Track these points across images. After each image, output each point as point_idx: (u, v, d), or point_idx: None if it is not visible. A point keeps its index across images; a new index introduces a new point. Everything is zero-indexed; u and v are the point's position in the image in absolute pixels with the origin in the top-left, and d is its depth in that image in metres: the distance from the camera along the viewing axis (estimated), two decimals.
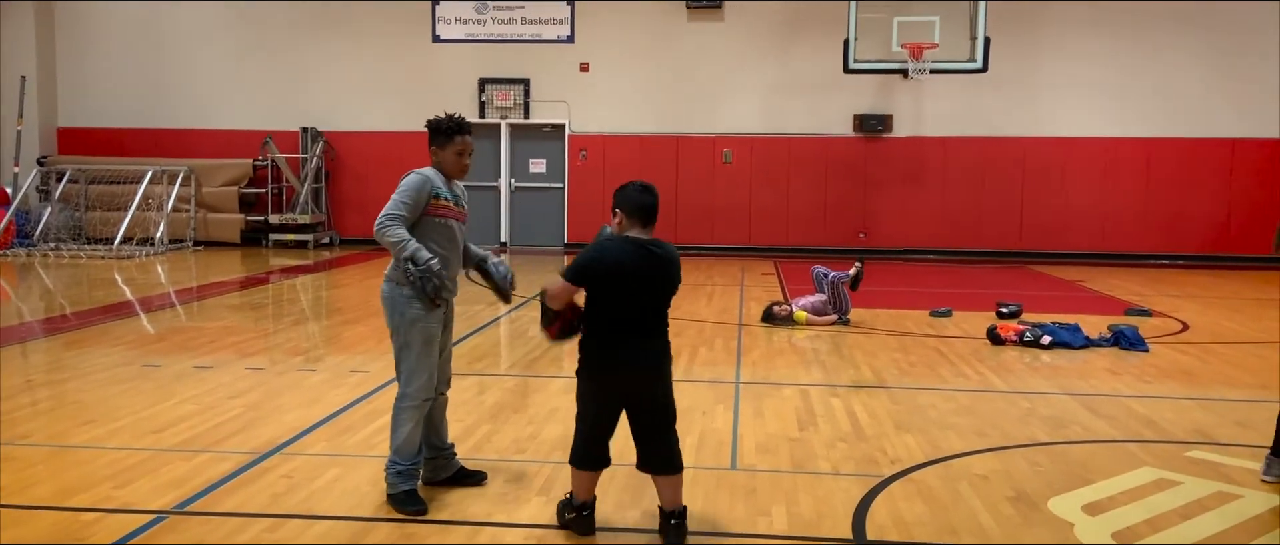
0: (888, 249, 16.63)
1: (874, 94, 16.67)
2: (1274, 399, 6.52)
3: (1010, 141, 16.49)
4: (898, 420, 5.82)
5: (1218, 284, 13.27)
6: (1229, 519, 4.17)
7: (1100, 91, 16.27)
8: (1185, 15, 15.94)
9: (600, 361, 3.86)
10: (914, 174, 16.76)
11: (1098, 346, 8.21)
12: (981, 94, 16.14)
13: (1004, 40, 15.16)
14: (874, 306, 10.31)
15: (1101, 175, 16.32)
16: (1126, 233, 16.33)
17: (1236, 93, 15.93)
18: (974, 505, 4.35)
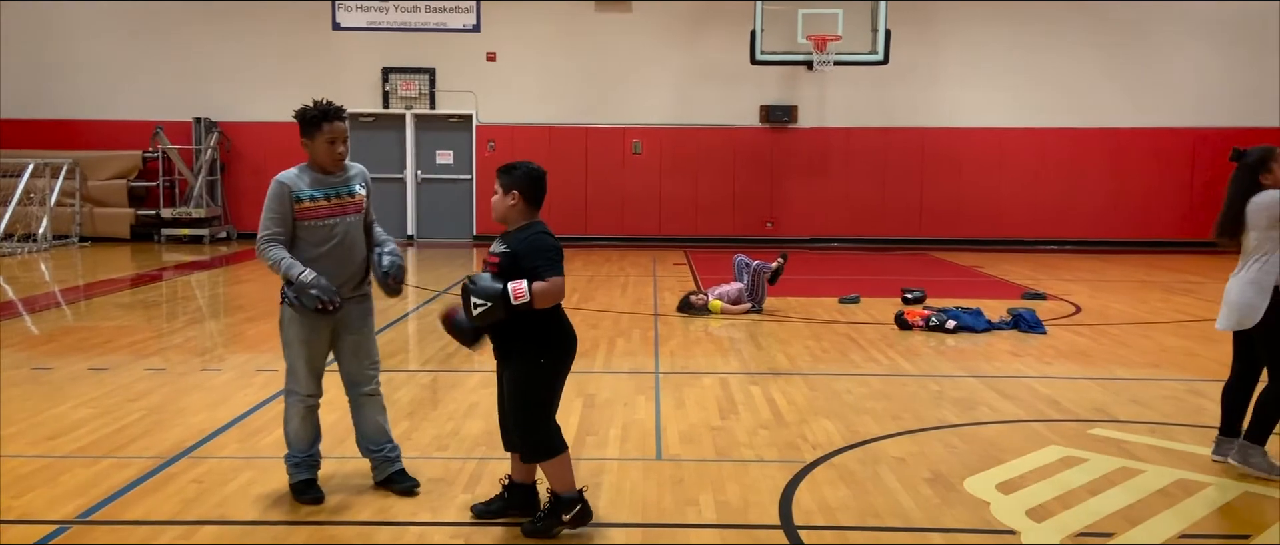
0: (795, 237, 16.90)
1: (780, 85, 16.90)
2: (1164, 377, 6.87)
3: (911, 132, 16.93)
4: (816, 406, 5.92)
5: (1105, 267, 13.90)
6: (1134, 493, 4.37)
7: (995, 83, 16.83)
8: (1076, 10, 16.60)
9: (562, 339, 3.89)
10: (819, 164, 17.07)
11: (999, 330, 8.50)
12: (883, 85, 16.52)
13: (904, 33, 15.53)
14: (785, 295, 10.45)
15: (996, 164, 16.90)
16: (1020, 219, 16.95)
17: (1124, 84, 16.68)
18: (894, 487, 4.46)
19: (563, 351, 3.90)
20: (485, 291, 3.67)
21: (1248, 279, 4.58)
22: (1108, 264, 14.40)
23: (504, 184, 3.85)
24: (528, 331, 3.80)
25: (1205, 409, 5.90)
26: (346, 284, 4.22)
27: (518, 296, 3.64)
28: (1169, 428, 5.49)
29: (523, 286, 3.65)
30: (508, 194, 3.84)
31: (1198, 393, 6.31)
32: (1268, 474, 4.55)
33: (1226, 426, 4.84)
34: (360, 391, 4.40)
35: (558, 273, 3.71)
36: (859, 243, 16.89)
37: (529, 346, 3.82)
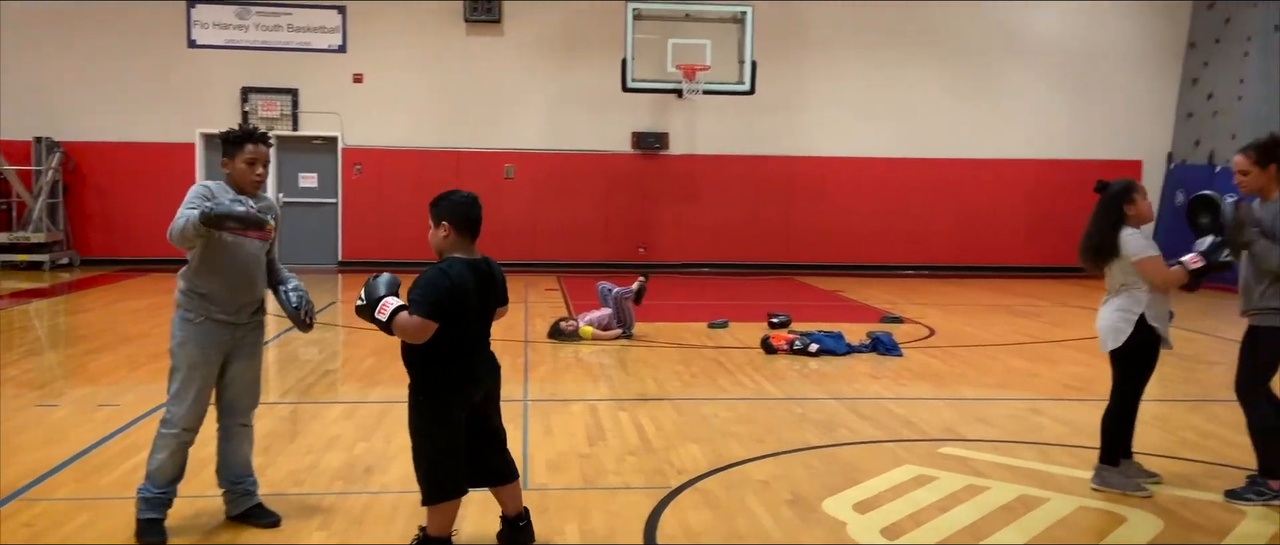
0: (667, 263, 17.11)
1: (652, 113, 17.14)
2: (1008, 397, 7.25)
3: (778, 160, 17.42)
4: (683, 431, 5.99)
5: (957, 292, 14.59)
6: (980, 509, 4.58)
7: (856, 115, 17.50)
8: (930, 47, 17.45)
9: (452, 378, 3.74)
10: (690, 190, 17.36)
11: (858, 352, 8.81)
12: (751, 115, 16.95)
13: (771, 65, 16.00)
14: (655, 320, 10.56)
15: (857, 192, 17.55)
16: (879, 245, 17.63)
17: (973, 118, 17.60)
18: (756, 510, 4.54)
19: (454, 384, 3.74)
20: (370, 289, 3.70)
21: (1116, 307, 4.83)
22: (960, 288, 15.12)
23: (433, 216, 3.80)
24: (412, 366, 3.76)
25: (1045, 427, 6.25)
26: (243, 310, 4.12)
27: (381, 311, 3.62)
28: (1012, 445, 5.78)
29: (390, 306, 3.61)
30: (439, 226, 3.79)
31: (1038, 411, 6.68)
32: (1124, 490, 4.81)
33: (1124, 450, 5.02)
34: (237, 421, 4.24)
35: (424, 314, 3.59)
36: (728, 268, 17.23)
37: (413, 382, 3.78)
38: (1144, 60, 17.73)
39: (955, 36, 17.45)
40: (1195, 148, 17.29)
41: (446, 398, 3.74)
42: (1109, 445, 4.92)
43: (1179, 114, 17.74)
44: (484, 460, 3.90)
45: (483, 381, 3.84)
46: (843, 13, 17.25)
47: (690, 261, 17.27)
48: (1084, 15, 17.60)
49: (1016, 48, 17.60)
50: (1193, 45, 17.57)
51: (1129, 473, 4.96)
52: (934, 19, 17.38)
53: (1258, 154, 4.78)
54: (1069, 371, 8.25)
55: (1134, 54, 17.71)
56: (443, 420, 3.73)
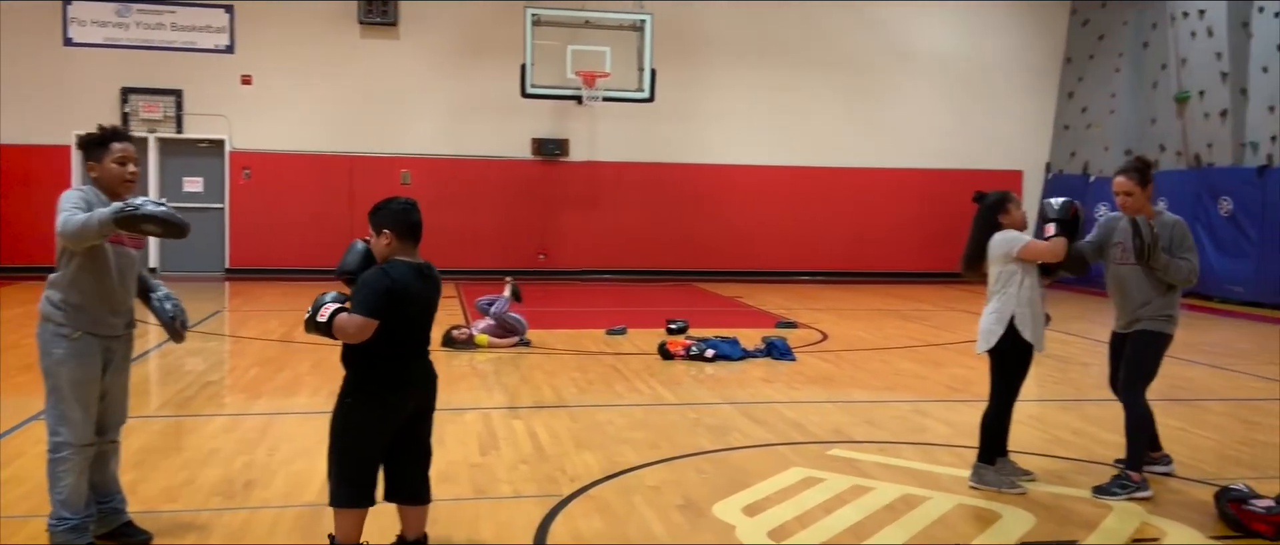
0: (567, 270, 17.09)
1: (552, 119, 17.10)
2: (895, 399, 7.45)
3: (678, 167, 17.58)
4: (578, 438, 5.97)
5: (850, 297, 14.96)
6: (864, 510, 4.69)
7: (753, 124, 17.80)
8: (826, 58, 17.88)
9: (388, 380, 3.67)
10: (591, 197, 17.37)
11: (753, 357, 8.93)
12: (652, 122, 17.07)
13: (670, 74, 16.16)
14: (554, 327, 10.52)
15: (756, 200, 17.84)
16: (776, 252, 17.95)
17: (866, 129, 18.10)
18: (647, 516, 4.56)
19: (386, 390, 3.67)
20: (316, 302, 3.64)
21: (992, 309, 5.05)
22: (853, 293, 15.51)
23: (374, 225, 3.75)
24: (349, 365, 3.70)
25: (929, 428, 6.45)
26: (119, 321, 3.93)
27: (321, 314, 3.59)
28: (897, 446, 5.95)
29: (330, 310, 3.58)
30: (380, 235, 3.73)
31: (923, 413, 6.89)
32: (999, 488, 4.99)
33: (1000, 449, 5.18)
34: (107, 438, 4.04)
35: (366, 313, 3.56)
36: (629, 274, 17.30)
37: (347, 382, 3.71)
38: (1024, 74, 18.52)
39: (849, 48, 17.91)
40: (1071, 158, 18.13)
41: (378, 401, 3.68)
42: (987, 444, 5.10)
43: (1056, 126, 18.58)
44: (404, 476, 3.84)
45: (418, 388, 3.80)
46: (741, 23, 17.54)
47: (591, 268, 17.27)
48: (969, 30, 18.29)
49: (907, 61, 18.17)
50: (1069, 60, 18.44)
51: (1004, 471, 5.14)
52: (829, 31, 17.81)
53: (1139, 177, 5.13)
54: (953, 373, 8.53)
55: (1015, 68, 18.48)
56: (367, 424, 3.68)
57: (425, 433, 3.90)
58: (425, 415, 3.88)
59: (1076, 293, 15.27)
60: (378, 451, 3.73)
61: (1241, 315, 13.36)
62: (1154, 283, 5.07)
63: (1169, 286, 5.09)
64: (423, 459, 3.90)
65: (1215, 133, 14.94)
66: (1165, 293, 5.09)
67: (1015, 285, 4.97)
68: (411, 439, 3.83)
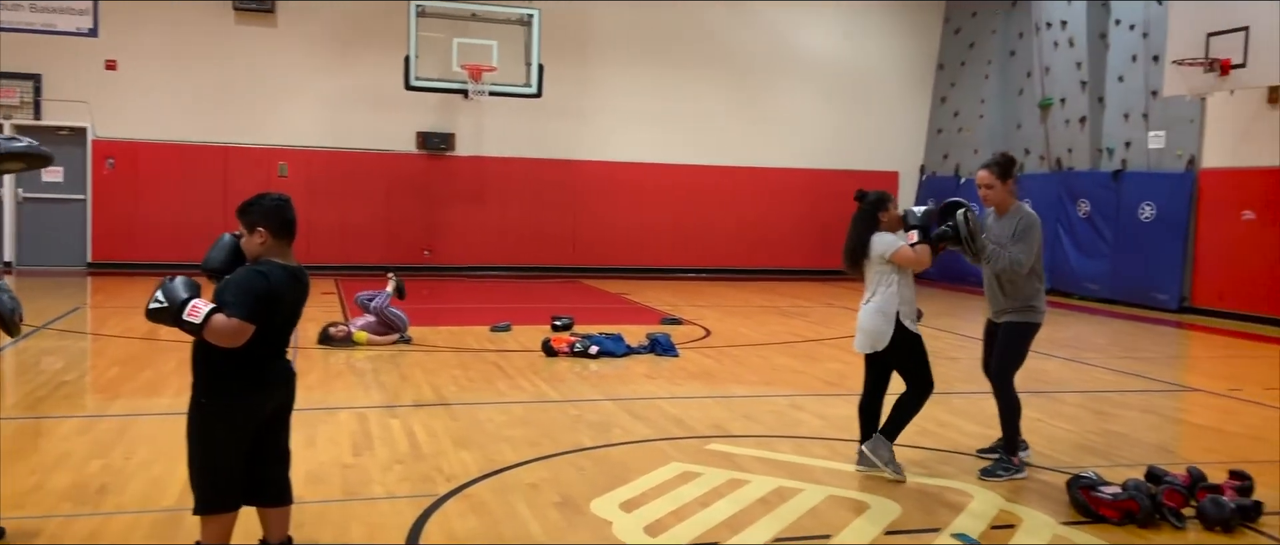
0: (453, 266, 16.84)
1: (438, 112, 16.82)
2: (773, 393, 7.60)
3: (565, 163, 17.53)
4: (456, 437, 5.89)
5: (734, 294, 15.19)
6: (739, 503, 4.76)
7: (641, 122, 17.89)
8: (712, 58, 18.09)
9: (246, 382, 3.51)
10: (477, 192, 17.16)
11: (637, 354, 8.98)
12: (540, 118, 16.97)
13: (558, 70, 16.09)
14: (436, 324, 10.35)
15: (642, 196, 17.93)
16: (663, 248, 18.10)
17: (751, 129, 18.40)
18: (523, 514, 4.52)
19: (245, 391, 3.52)
20: (170, 292, 3.42)
21: (875, 307, 5.21)
22: (737, 290, 15.76)
23: (246, 223, 3.58)
24: (201, 365, 3.52)
25: (803, 421, 6.60)
26: None
27: (191, 314, 3.38)
28: (773, 439, 6.07)
29: (201, 308, 3.39)
30: (254, 233, 3.58)
31: (798, 407, 7.05)
32: (888, 467, 5.17)
33: (865, 437, 5.37)
34: None
35: (242, 315, 3.40)
36: (515, 271, 17.16)
37: (199, 382, 3.53)
38: (901, 79, 19.16)
39: (735, 48, 18.19)
40: (944, 161, 18.84)
41: (235, 404, 3.53)
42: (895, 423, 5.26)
43: (930, 129, 19.29)
44: (263, 478, 3.70)
45: (277, 390, 3.67)
46: (629, 21, 17.59)
47: (476, 264, 17.07)
48: (849, 35, 18.80)
49: (790, 62, 18.56)
50: (942, 67, 19.16)
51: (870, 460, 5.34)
52: (716, 30, 18.03)
53: (999, 170, 5.43)
54: (829, 368, 8.76)
55: (892, 73, 19.09)
56: (227, 427, 3.53)
57: (284, 433, 3.79)
58: (284, 416, 3.77)
59: (944, 289, 15.88)
60: (239, 454, 3.59)
61: (1097, 312, 14.13)
62: (1008, 277, 5.33)
63: (1034, 279, 5.36)
64: (282, 460, 3.79)
65: (1075, 138, 15.76)
66: (1027, 284, 5.38)
67: (894, 284, 5.18)
68: (271, 440, 3.71)
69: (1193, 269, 13.87)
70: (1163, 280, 14.10)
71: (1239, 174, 13.21)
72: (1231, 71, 11.60)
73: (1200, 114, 13.69)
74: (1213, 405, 7.69)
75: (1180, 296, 13.92)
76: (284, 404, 3.76)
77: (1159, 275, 14.16)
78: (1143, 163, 14.65)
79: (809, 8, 18.45)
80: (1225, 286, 13.36)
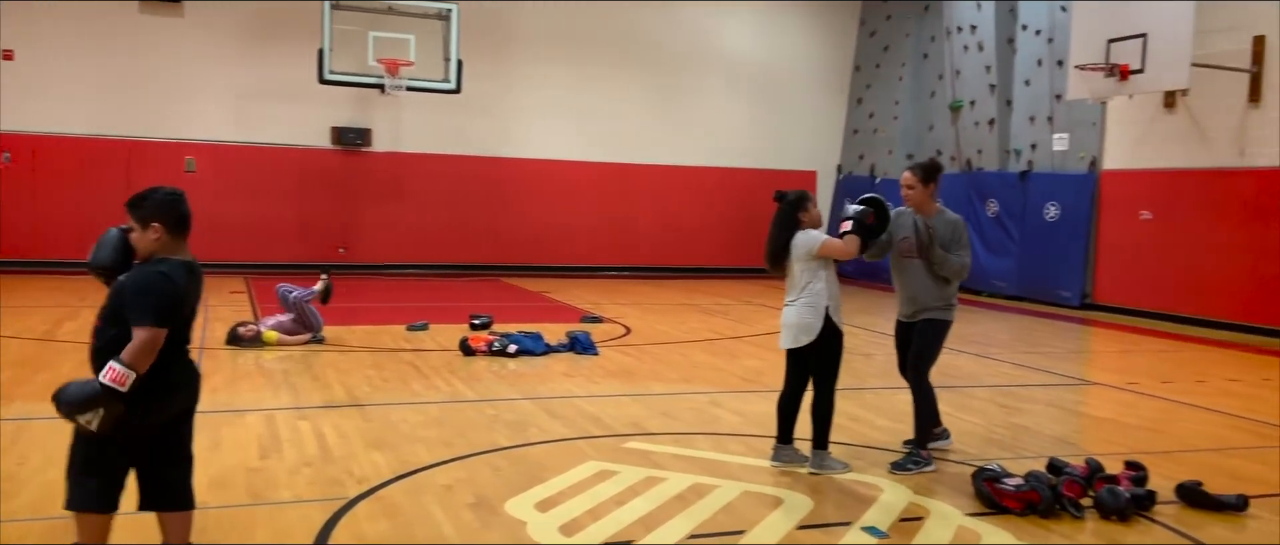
0: (369, 264, 16.54)
1: (353, 107, 16.49)
2: (692, 391, 7.64)
3: (485, 160, 17.35)
4: (368, 438, 5.77)
5: (656, 292, 15.25)
6: (655, 500, 4.77)
7: (562, 119, 17.82)
8: (634, 57, 18.11)
9: (153, 384, 3.33)
10: (395, 189, 16.88)
11: (557, 352, 8.94)
12: (459, 114, 16.77)
13: (479, 66, 15.93)
14: (351, 323, 10.15)
15: (564, 194, 17.87)
16: (585, 246, 18.06)
17: (671, 127, 18.48)
18: (436, 516, 4.46)
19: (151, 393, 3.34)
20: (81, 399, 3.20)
21: (804, 303, 5.26)
22: (658, 288, 15.81)
23: (139, 219, 3.44)
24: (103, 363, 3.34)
25: (722, 418, 6.65)
26: None
27: (119, 382, 3.20)
28: (691, 436, 6.09)
29: (117, 369, 3.21)
30: (147, 229, 3.43)
31: (717, 404, 7.10)
32: (838, 468, 5.29)
33: (783, 435, 5.46)
34: None
35: (155, 323, 3.27)
36: (434, 269, 16.94)
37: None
38: (819, 80, 19.46)
39: (657, 47, 18.24)
40: (860, 161, 19.20)
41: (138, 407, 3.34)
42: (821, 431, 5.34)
43: (847, 130, 19.64)
44: (164, 481, 3.57)
45: (181, 391, 3.55)
46: (549, 18, 17.51)
47: (394, 263, 16.80)
48: (768, 35, 19.02)
49: (711, 62, 18.69)
50: (858, 68, 19.51)
51: (788, 457, 5.40)
52: (637, 29, 18.06)
53: (922, 173, 5.58)
54: (747, 365, 8.84)
55: (810, 74, 19.38)
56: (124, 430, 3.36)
57: (187, 436, 3.66)
58: (187, 418, 3.65)
59: (862, 287, 16.19)
60: (126, 455, 3.45)
61: (1005, 308, 14.57)
62: (936, 275, 5.50)
63: (948, 279, 5.52)
64: (183, 463, 3.66)
65: (984, 140, 16.21)
66: (946, 284, 5.56)
67: (822, 280, 5.26)
68: (173, 442, 3.59)
69: (1094, 267, 14.39)
70: (1066, 278, 14.61)
71: (1137, 175, 13.75)
72: (1130, 76, 12.06)
73: (1101, 117, 14.22)
74: (1111, 398, 7.99)
75: (1082, 293, 14.43)
76: (188, 406, 3.64)
77: (1063, 273, 14.66)
78: (1048, 164, 15.14)
79: (728, 8, 18.61)
80: (1124, 284, 13.90)
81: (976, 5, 16.12)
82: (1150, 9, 11.87)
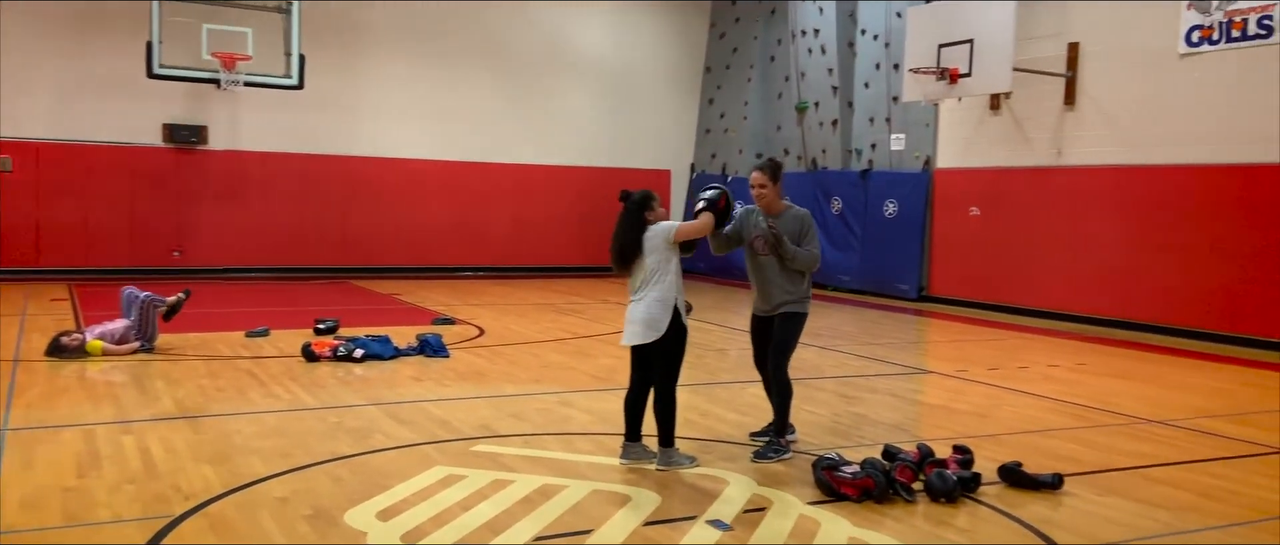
0: (207, 268, 15.77)
1: (187, 103, 15.67)
2: (543, 391, 7.60)
3: (333, 159, 16.80)
4: (199, 451, 5.48)
5: (510, 292, 15.12)
6: (501, 504, 4.71)
7: (413, 116, 17.43)
8: (485, 55, 17.89)
9: None
10: (234, 189, 16.14)
11: (406, 356, 8.74)
12: (303, 111, 16.18)
13: (323, 61, 15.40)
14: (185, 331, 9.64)
15: (417, 194, 17.49)
16: (439, 247, 17.73)
17: (525, 126, 18.36)
18: (269, 529, 4.27)
19: None
20: None
21: (654, 298, 5.30)
22: (513, 288, 15.68)
23: None
24: None
25: (573, 418, 6.64)
26: None
27: None
28: (540, 437, 6.06)
29: None
30: None
31: (568, 404, 7.08)
32: (687, 464, 5.36)
33: (631, 432, 5.49)
34: None
35: None
36: (278, 272, 16.29)
37: None
38: (671, 80, 19.73)
39: (509, 46, 18.09)
40: (712, 160, 19.58)
41: None
42: (668, 427, 5.39)
43: (699, 130, 19.99)
44: None
45: None
46: (398, 13, 17.11)
47: (234, 266, 16.06)
48: (621, 35, 19.15)
49: (564, 61, 18.67)
50: (708, 69, 19.89)
51: (636, 454, 5.45)
52: (489, 26, 17.87)
53: (771, 172, 5.78)
54: (601, 363, 8.87)
55: (663, 74, 19.63)
56: None
57: None
58: None
59: (715, 283, 16.51)
60: None
61: (848, 302, 15.15)
62: (791, 271, 5.70)
63: (802, 273, 5.71)
64: None
65: (828, 140, 16.80)
66: (800, 279, 5.80)
67: (671, 274, 5.34)
68: None
69: (930, 261, 15.14)
70: (904, 271, 15.31)
71: (967, 173, 14.54)
72: (959, 80, 12.74)
73: (934, 119, 14.97)
74: (943, 386, 8.41)
75: (919, 286, 15.16)
76: None
77: (900, 267, 15.36)
78: (887, 163, 15.83)
79: (581, 8, 18.64)
80: (956, 277, 14.68)
81: (819, 9, 16.68)
82: (976, 16, 12.58)
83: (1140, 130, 12.19)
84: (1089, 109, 12.81)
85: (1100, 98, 12.66)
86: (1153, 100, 12.05)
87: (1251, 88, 11.00)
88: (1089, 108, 12.81)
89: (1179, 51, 11.75)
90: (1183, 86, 11.70)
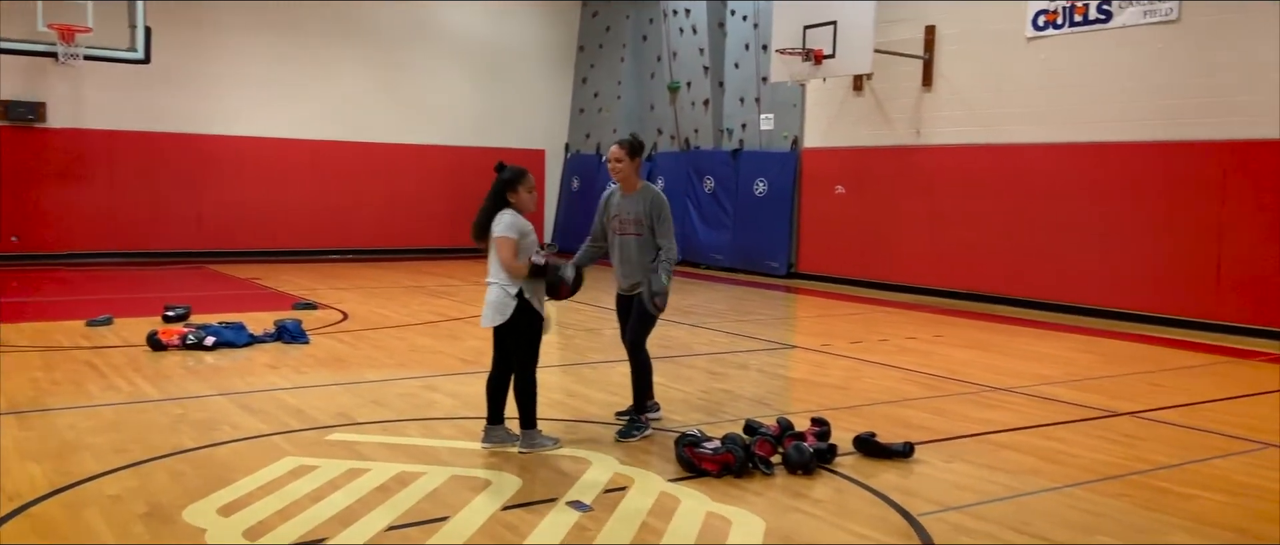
0: (46, 253, 14.79)
1: (23, 78, 14.63)
2: (406, 376, 7.41)
3: (185, 138, 15.99)
4: (24, 449, 5.11)
5: (380, 275, 14.71)
6: (355, 494, 4.54)
7: (273, 94, 16.72)
8: (350, 32, 17.29)
9: None
10: (76, 169, 15.18)
11: (262, 343, 8.38)
12: (152, 87, 15.32)
13: (172, 35, 14.62)
14: (17, 320, 9.00)
15: (277, 174, 16.81)
16: (302, 229, 17.11)
17: (394, 105, 17.86)
18: (99, 530, 4.00)
19: None
20: None
21: (502, 282, 5.22)
22: (383, 271, 15.27)
23: None
24: None
25: (436, 403, 6.48)
26: None
27: None
28: (401, 424, 5.89)
29: None
30: None
31: (432, 388, 6.92)
32: (550, 445, 5.31)
33: (493, 415, 5.39)
34: None
35: None
36: (126, 257, 15.42)
37: None
38: (545, 60, 19.52)
39: (376, 22, 17.54)
40: (586, 140, 19.50)
41: None
42: (529, 410, 5.32)
43: (573, 109, 19.86)
44: None
45: None
46: None
47: (77, 251, 15.12)
48: (492, 14, 18.82)
49: (433, 40, 18.23)
50: (582, 48, 19.76)
51: (498, 437, 5.36)
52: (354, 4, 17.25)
53: (629, 149, 5.72)
54: (469, 346, 8.70)
55: (536, 53, 19.40)
56: None
57: None
58: None
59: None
60: None
61: (720, 279, 15.35)
62: (650, 249, 5.69)
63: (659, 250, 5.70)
64: None
65: (700, 119, 16.94)
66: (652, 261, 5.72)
67: None
68: None
69: (798, 238, 15.47)
70: (773, 249, 15.60)
71: (832, 153, 14.90)
72: (823, 61, 13.01)
73: (802, 99, 15.25)
74: (807, 360, 8.60)
75: (788, 263, 15.48)
76: None
77: (771, 245, 15.65)
78: (757, 142, 16.07)
79: None
80: (823, 253, 15.05)
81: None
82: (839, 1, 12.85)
83: (992, 110, 12.71)
84: (945, 90, 13.28)
85: (955, 79, 13.14)
86: (1003, 81, 12.58)
87: (1093, 70, 11.60)
88: (945, 89, 13.28)
89: (1026, 35, 12.29)
90: (1030, 68, 12.25)
